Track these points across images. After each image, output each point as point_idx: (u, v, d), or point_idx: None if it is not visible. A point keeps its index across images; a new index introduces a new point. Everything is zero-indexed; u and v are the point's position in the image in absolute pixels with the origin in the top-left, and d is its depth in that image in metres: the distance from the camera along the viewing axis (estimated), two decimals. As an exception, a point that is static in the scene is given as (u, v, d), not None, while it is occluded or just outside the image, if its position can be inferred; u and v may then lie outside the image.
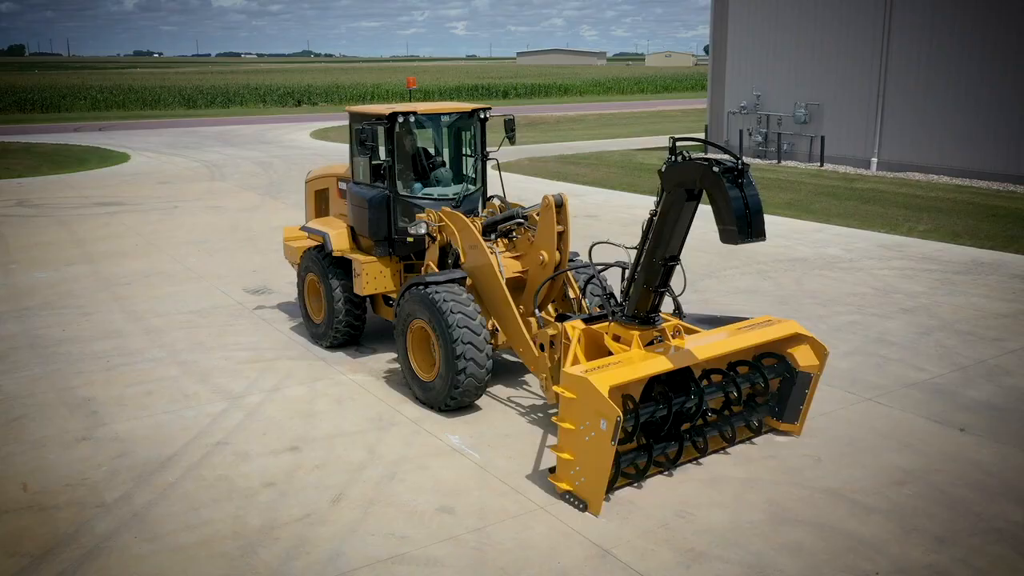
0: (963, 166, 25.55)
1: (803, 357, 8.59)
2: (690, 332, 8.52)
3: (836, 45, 28.50)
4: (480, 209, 10.92)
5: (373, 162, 10.60)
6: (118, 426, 9.22)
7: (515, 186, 25.77)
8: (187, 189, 26.36)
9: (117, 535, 7.08)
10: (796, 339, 8.63)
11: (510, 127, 11.09)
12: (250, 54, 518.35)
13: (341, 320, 11.23)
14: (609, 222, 20.37)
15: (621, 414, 6.92)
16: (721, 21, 32.48)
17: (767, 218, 22.24)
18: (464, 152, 11.21)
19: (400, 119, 10.34)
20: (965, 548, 6.83)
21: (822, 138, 29.07)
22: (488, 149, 11.17)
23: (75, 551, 6.85)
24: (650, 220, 7.64)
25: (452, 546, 6.92)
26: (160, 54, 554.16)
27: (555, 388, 7.56)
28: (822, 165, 29.09)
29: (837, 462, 8.30)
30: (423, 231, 10.16)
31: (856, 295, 14.01)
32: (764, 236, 6.82)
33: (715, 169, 6.79)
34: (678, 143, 7.32)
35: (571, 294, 9.85)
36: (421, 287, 9.48)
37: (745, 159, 7.29)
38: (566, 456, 7.46)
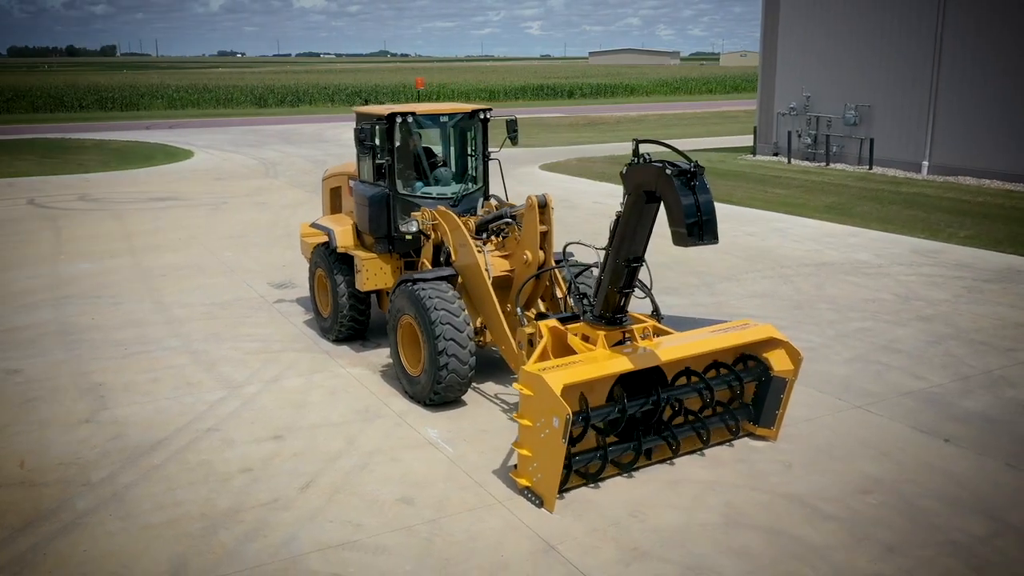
0: (1017, 171, 24.61)
1: (778, 362, 8.53)
2: (662, 333, 8.53)
3: (887, 46, 27.77)
4: (479, 209, 11.08)
5: (375, 161, 10.88)
6: (120, 410, 9.69)
7: (558, 187, 25.91)
8: (239, 186, 27.20)
9: (94, 512, 7.48)
10: (771, 343, 8.56)
11: (512, 128, 11.22)
12: (328, 54, 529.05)
13: (345, 315, 11.54)
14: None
15: (571, 412, 7.01)
16: (771, 22, 31.96)
17: (806, 222, 21.93)
18: (467, 152, 11.38)
19: (398, 119, 10.59)
20: (914, 559, 6.72)
21: (871, 140, 28.36)
22: (490, 149, 11.32)
23: (53, 525, 7.27)
24: (616, 221, 7.70)
25: (404, 536, 7.11)
26: (243, 54, 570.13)
27: (515, 385, 7.69)
28: (871, 168, 28.38)
29: (807, 468, 8.22)
30: (414, 229, 10.40)
31: (875, 301, 13.73)
32: (716, 239, 6.81)
33: (667, 172, 6.82)
34: (641, 144, 7.36)
35: (558, 293, 9.94)
36: (410, 284, 9.71)
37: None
38: (525, 452, 7.58)
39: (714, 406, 8.45)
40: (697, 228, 6.75)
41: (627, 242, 7.58)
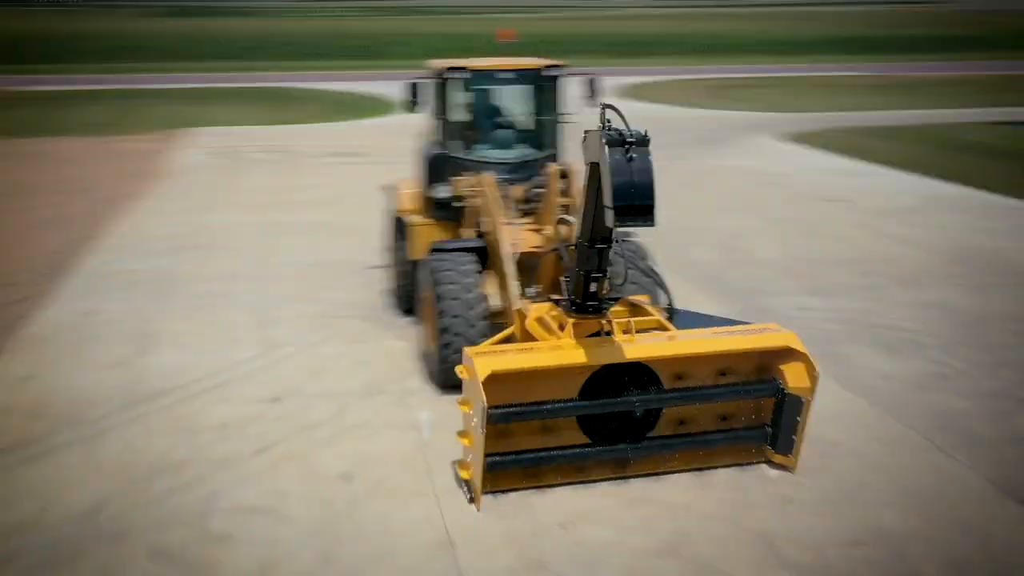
0: None
1: (793, 377, 8.17)
2: (661, 328, 8.48)
3: None
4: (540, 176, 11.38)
5: (435, 119, 11.56)
6: (154, 358, 11.24)
7: (793, 163, 25.28)
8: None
9: (66, 447, 8.95)
10: (788, 355, 8.20)
11: (592, 87, 11.39)
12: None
13: (403, 284, 12.32)
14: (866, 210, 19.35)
15: (487, 403, 7.29)
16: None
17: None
18: (536, 113, 11.69)
19: (451, 75, 11.15)
20: (855, 627, 6.36)
21: None
22: (564, 111, 11.52)
23: (23, 453, 8.82)
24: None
25: (317, 509, 7.84)
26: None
27: (456, 368, 8.08)
28: None
29: (810, 507, 7.86)
30: (442, 195, 10.97)
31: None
32: (651, 222, 6.74)
33: (602, 140, 6.85)
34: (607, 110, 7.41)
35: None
36: (432, 253, 10.34)
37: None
38: (465, 442, 7.98)
39: None
40: (627, 207, 6.73)
41: (593, 221, 7.65)
